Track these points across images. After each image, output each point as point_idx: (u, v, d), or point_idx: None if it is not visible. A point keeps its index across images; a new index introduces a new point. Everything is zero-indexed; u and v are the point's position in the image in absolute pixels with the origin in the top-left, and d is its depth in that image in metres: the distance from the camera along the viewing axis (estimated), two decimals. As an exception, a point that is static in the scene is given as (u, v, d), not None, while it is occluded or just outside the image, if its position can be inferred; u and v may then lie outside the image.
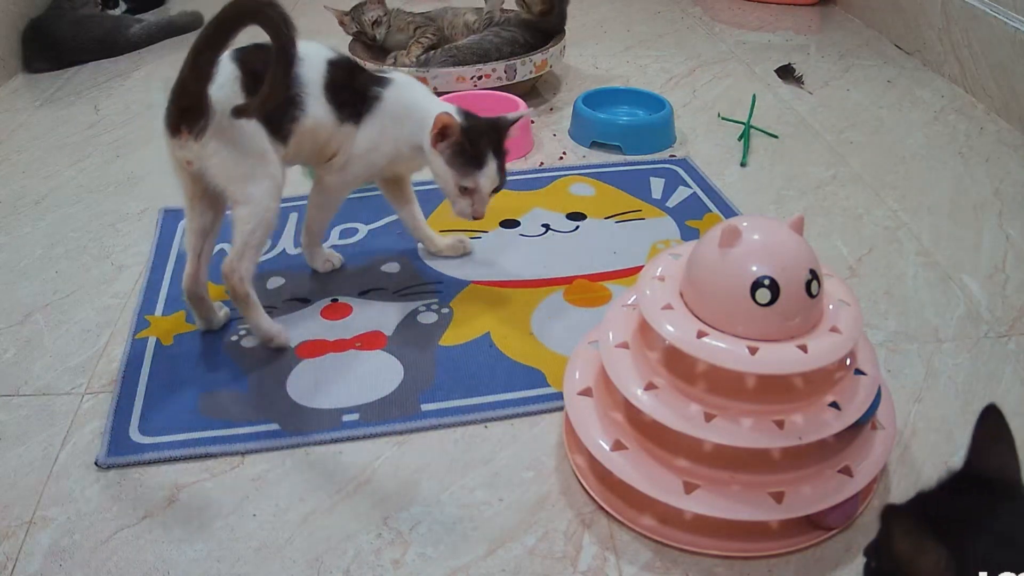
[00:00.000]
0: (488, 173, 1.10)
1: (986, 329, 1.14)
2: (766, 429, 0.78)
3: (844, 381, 0.83)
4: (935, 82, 1.92)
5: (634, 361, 0.85)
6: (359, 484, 0.92)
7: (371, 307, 1.20)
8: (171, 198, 1.50)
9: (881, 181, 1.51)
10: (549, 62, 1.80)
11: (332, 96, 1.09)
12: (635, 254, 1.30)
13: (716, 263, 0.79)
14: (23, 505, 0.90)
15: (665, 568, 0.83)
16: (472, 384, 1.05)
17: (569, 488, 0.91)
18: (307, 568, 0.83)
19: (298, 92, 1.06)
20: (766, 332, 0.77)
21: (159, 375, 1.07)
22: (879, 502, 0.88)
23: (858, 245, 1.33)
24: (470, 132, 1.09)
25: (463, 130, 1.08)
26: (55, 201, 1.51)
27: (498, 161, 1.11)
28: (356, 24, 1.87)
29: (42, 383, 1.08)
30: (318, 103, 1.08)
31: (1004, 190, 1.47)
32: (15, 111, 1.90)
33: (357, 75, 1.14)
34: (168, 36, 2.31)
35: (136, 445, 0.97)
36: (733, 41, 2.22)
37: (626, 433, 0.86)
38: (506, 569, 0.83)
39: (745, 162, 1.59)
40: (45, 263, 1.33)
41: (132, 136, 1.76)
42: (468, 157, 1.09)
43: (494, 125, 1.12)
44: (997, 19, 1.72)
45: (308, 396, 1.04)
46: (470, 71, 1.70)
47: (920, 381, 1.05)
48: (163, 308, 1.20)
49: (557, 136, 1.70)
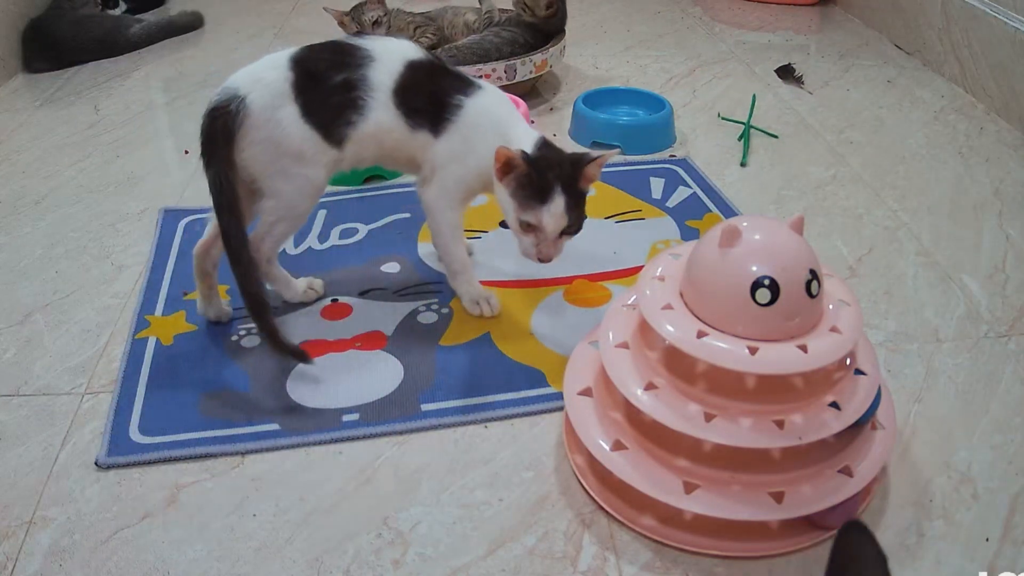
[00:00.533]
0: (553, 210, 0.99)
1: (986, 329, 1.14)
2: (766, 429, 0.78)
3: (844, 381, 0.83)
4: (935, 82, 1.92)
5: (634, 361, 0.85)
6: (359, 484, 0.92)
7: (371, 307, 1.20)
8: (171, 198, 1.50)
9: (881, 181, 1.51)
10: (549, 62, 1.80)
11: (402, 101, 1.04)
12: (635, 254, 1.30)
13: (716, 263, 0.79)
14: (23, 505, 0.90)
15: (665, 568, 0.83)
16: (472, 384, 1.05)
17: (569, 488, 0.91)
18: (307, 568, 0.83)
19: (360, 95, 1.02)
20: (766, 332, 0.77)
21: (159, 375, 1.07)
22: (879, 502, 0.88)
23: (858, 245, 1.33)
24: (539, 163, 0.99)
25: (530, 161, 0.99)
26: (55, 201, 1.51)
27: (568, 199, 1.00)
28: (356, 24, 1.87)
29: (42, 383, 1.08)
30: (384, 108, 1.04)
31: (1004, 190, 1.47)
32: (15, 111, 1.90)
33: (440, 79, 1.07)
34: (168, 36, 2.31)
35: (136, 445, 0.97)
36: (733, 41, 2.22)
37: (626, 433, 0.86)
38: (506, 569, 0.83)
39: (745, 162, 1.59)
40: (45, 263, 1.33)
41: (132, 136, 1.76)
42: (533, 190, 0.99)
43: (570, 160, 1.02)
44: (997, 19, 1.72)
45: (308, 396, 1.04)
46: (470, 71, 1.70)
47: (920, 381, 1.05)
48: (163, 308, 1.20)
49: (557, 136, 1.70)
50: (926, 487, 0.90)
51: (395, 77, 1.05)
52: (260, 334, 1.08)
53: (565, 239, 1.04)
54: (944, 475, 0.92)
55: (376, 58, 1.04)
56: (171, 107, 1.91)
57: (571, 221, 1.01)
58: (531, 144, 1.03)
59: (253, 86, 1.00)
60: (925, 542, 0.84)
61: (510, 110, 1.10)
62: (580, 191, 1.02)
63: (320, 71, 1.03)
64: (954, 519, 0.86)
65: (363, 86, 1.03)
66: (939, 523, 0.86)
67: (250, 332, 1.14)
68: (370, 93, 1.03)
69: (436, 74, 1.08)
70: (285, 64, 1.02)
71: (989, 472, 0.92)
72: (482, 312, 1.16)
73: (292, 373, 1.07)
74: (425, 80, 1.06)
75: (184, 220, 1.42)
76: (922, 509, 0.88)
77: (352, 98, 1.03)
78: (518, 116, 1.10)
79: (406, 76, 1.05)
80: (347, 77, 1.03)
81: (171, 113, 1.88)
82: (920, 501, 0.89)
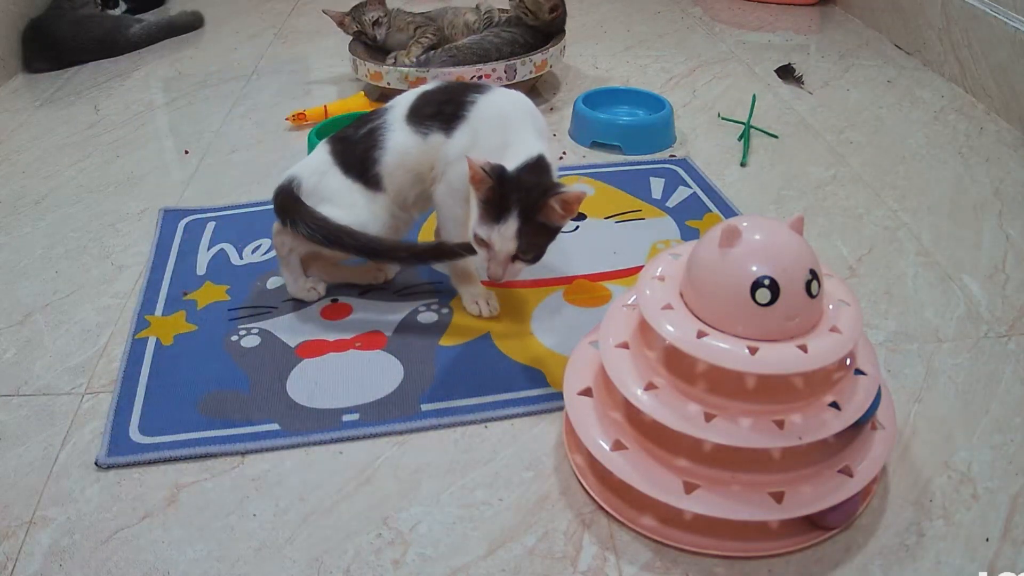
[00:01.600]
0: (503, 232, 0.98)
1: (986, 329, 1.14)
2: (766, 429, 0.78)
3: (844, 381, 0.83)
4: (935, 82, 1.92)
5: (634, 361, 0.85)
6: (359, 484, 0.92)
7: (371, 307, 1.20)
8: (171, 198, 1.50)
9: (881, 181, 1.51)
10: (549, 62, 1.80)
11: (414, 118, 1.10)
12: (635, 254, 1.30)
13: (716, 263, 0.79)
14: (23, 505, 0.90)
15: (665, 568, 0.83)
16: (472, 384, 1.05)
17: (569, 488, 0.91)
18: (307, 568, 0.83)
19: (380, 134, 1.11)
20: (766, 332, 0.77)
21: (159, 375, 1.07)
22: (879, 502, 0.88)
23: (858, 245, 1.33)
24: (507, 183, 0.98)
25: (498, 178, 0.97)
26: (55, 201, 1.51)
27: (523, 226, 0.97)
28: (356, 24, 1.87)
29: (42, 383, 1.08)
30: (399, 131, 1.11)
31: (1004, 190, 1.47)
32: (15, 111, 1.90)
33: (456, 91, 1.11)
34: (168, 36, 2.32)
35: (136, 445, 0.97)
36: (733, 41, 2.22)
37: (626, 433, 0.86)
38: (506, 569, 0.83)
39: (745, 162, 1.59)
40: (45, 263, 1.33)
41: (132, 136, 1.76)
42: (492, 207, 0.98)
43: (542, 188, 0.98)
44: (997, 19, 1.72)
45: (308, 396, 1.04)
46: (470, 71, 1.70)
47: (920, 381, 1.05)
48: (163, 308, 1.20)
49: (557, 136, 1.70)
50: (926, 487, 0.90)
51: (409, 103, 1.13)
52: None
53: (520, 264, 1.01)
54: (944, 475, 0.92)
55: (396, 103, 1.14)
56: (171, 107, 1.91)
57: (521, 248, 0.99)
58: (522, 159, 1.00)
59: (304, 168, 1.14)
60: (925, 542, 0.84)
61: (523, 114, 1.08)
62: (537, 222, 0.98)
63: (348, 133, 1.15)
64: (954, 519, 0.86)
65: (383, 126, 1.12)
66: (939, 523, 0.86)
67: (250, 332, 1.14)
68: (388, 128, 1.11)
69: (452, 89, 1.14)
70: (325, 146, 1.16)
71: (989, 472, 0.92)
72: (480, 312, 1.16)
73: (292, 373, 1.07)
74: (439, 95, 1.12)
75: (184, 220, 1.42)
76: (922, 509, 0.88)
77: (374, 140, 1.11)
78: (530, 124, 1.07)
79: (419, 98, 1.13)
80: (371, 126, 1.13)
81: (171, 113, 1.88)
82: (920, 501, 0.89)
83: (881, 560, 0.82)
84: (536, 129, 1.07)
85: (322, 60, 2.14)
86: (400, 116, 1.12)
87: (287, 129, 1.76)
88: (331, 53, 2.16)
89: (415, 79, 1.71)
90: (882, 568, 0.82)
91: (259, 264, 1.29)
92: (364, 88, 1.88)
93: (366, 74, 1.78)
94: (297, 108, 1.79)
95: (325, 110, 1.75)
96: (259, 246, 1.33)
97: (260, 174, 1.58)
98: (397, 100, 1.15)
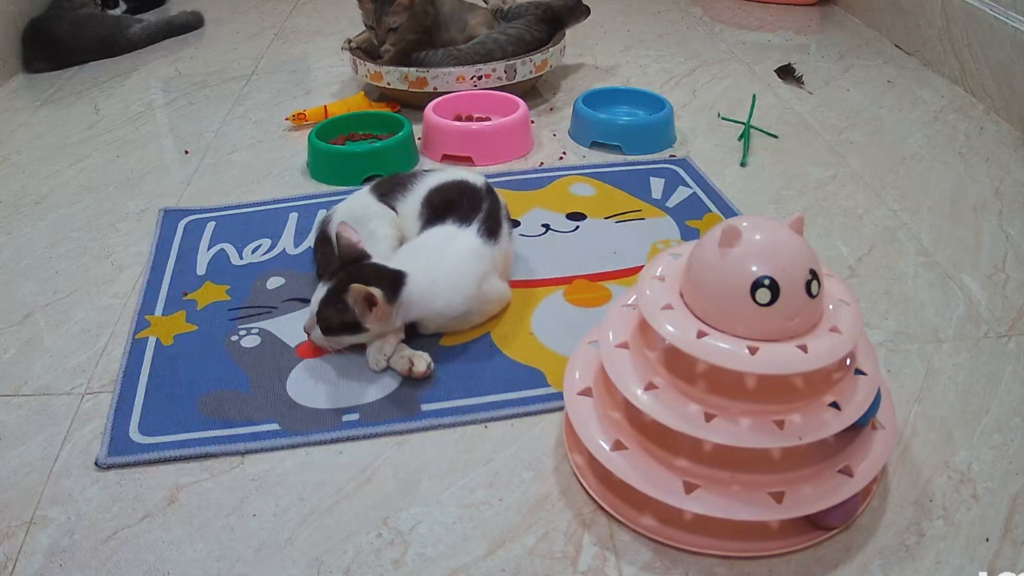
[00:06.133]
0: (315, 295, 1.07)
1: (986, 329, 1.14)
2: (766, 429, 0.78)
3: (844, 381, 0.83)
4: (935, 82, 1.92)
5: (634, 361, 0.85)
6: (359, 484, 0.92)
7: (371, 307, 1.20)
8: (171, 198, 1.50)
9: (881, 181, 1.51)
10: (549, 62, 1.80)
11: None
12: (635, 254, 1.30)
13: (716, 263, 0.79)
14: (23, 505, 0.90)
15: (665, 568, 0.83)
16: (472, 384, 1.05)
17: (569, 488, 0.91)
18: (307, 568, 0.83)
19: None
20: (766, 332, 0.77)
21: (159, 375, 1.07)
22: (879, 502, 0.88)
23: (858, 245, 1.33)
24: (345, 259, 1.09)
25: (345, 254, 1.09)
26: (55, 201, 1.51)
27: (326, 300, 1.04)
28: (373, 20, 1.73)
29: (42, 383, 1.08)
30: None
31: (1004, 190, 1.47)
32: (15, 111, 1.90)
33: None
34: (168, 36, 2.32)
35: (136, 445, 0.97)
36: (733, 41, 2.22)
37: (626, 433, 0.86)
38: (506, 569, 0.83)
39: (745, 162, 1.59)
40: (45, 263, 1.33)
41: (132, 136, 1.76)
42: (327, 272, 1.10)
43: (361, 277, 1.03)
44: (997, 19, 1.72)
45: (308, 396, 1.04)
46: (470, 71, 1.70)
47: (920, 381, 1.05)
48: (163, 308, 1.20)
49: (557, 136, 1.70)
50: (926, 487, 0.90)
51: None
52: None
53: (327, 335, 1.06)
54: (944, 475, 0.92)
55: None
56: (171, 107, 1.91)
57: (317, 318, 1.05)
58: (380, 257, 1.10)
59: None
60: (925, 542, 0.84)
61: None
62: (341, 301, 1.02)
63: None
64: (954, 519, 0.86)
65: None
66: (939, 523, 0.86)
67: (250, 332, 1.14)
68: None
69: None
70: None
71: (989, 472, 0.92)
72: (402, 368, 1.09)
73: (292, 373, 1.07)
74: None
75: (184, 220, 1.42)
76: (922, 509, 0.88)
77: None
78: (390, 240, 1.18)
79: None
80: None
81: (171, 113, 1.88)
82: (920, 501, 0.89)
83: (881, 560, 0.82)
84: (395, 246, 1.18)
85: (322, 60, 2.14)
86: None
87: (287, 129, 1.76)
88: (331, 53, 2.16)
89: (415, 79, 1.71)
90: (882, 568, 0.82)
91: (259, 264, 1.29)
92: (364, 88, 1.88)
93: (366, 74, 1.78)
94: (297, 108, 1.79)
95: (325, 110, 1.75)
96: (259, 246, 1.33)
97: (260, 174, 1.58)
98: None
